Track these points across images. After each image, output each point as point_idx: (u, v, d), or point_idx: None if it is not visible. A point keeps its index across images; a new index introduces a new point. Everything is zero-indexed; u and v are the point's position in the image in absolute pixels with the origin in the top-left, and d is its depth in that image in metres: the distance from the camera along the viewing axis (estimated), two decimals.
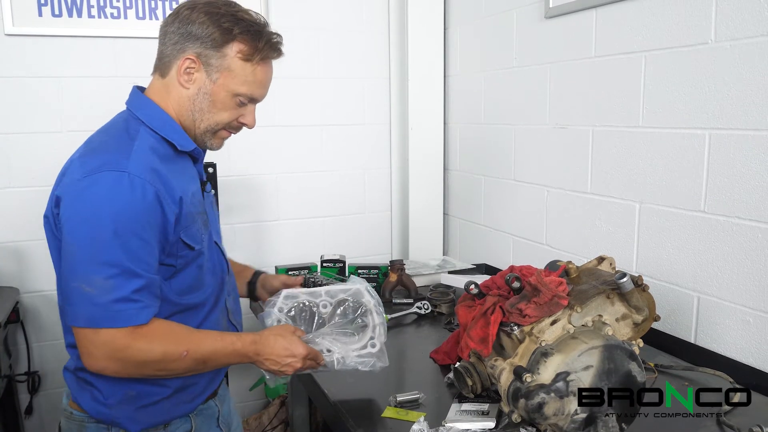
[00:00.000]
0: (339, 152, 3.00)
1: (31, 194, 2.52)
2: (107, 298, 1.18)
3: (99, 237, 1.18)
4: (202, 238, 1.36)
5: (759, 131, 1.54)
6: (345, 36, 2.93)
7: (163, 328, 1.26)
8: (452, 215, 3.07)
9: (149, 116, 1.34)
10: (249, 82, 1.34)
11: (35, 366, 2.61)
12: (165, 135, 1.33)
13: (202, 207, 1.40)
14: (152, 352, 1.22)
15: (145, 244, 1.21)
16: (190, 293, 1.36)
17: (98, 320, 1.19)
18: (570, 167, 2.18)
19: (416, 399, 1.48)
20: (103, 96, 2.56)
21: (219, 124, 1.38)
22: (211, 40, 1.30)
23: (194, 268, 1.35)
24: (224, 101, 1.34)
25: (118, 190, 1.19)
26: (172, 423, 1.37)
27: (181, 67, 1.32)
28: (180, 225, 1.29)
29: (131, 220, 1.19)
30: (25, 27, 2.43)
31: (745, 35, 1.56)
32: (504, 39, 2.51)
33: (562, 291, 1.30)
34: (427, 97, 2.96)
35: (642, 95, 1.86)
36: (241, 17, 1.32)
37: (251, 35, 1.32)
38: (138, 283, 1.20)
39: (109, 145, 1.28)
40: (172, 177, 1.29)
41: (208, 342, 1.31)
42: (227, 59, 1.31)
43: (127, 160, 1.22)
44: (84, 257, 1.19)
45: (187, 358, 1.25)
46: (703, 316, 1.73)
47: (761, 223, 1.55)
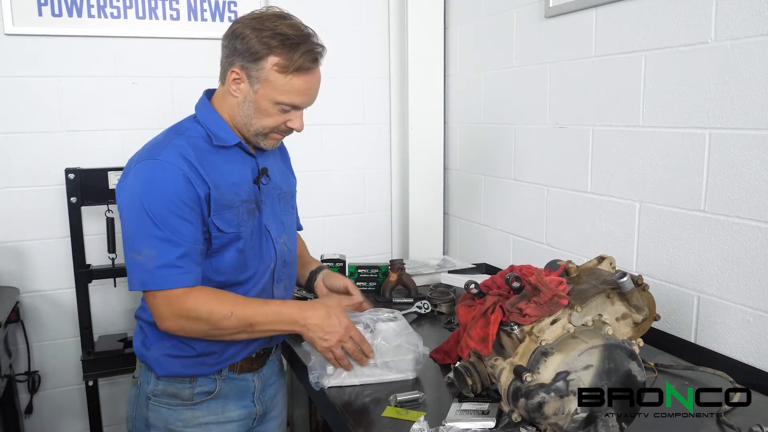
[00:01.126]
0: (339, 152, 3.00)
1: (31, 194, 2.52)
2: (153, 264, 1.41)
3: (142, 216, 1.41)
4: (239, 223, 1.52)
5: (759, 131, 1.54)
6: (345, 36, 2.93)
7: (210, 290, 1.47)
8: (452, 215, 3.07)
9: (203, 116, 1.56)
10: (287, 92, 1.48)
11: (35, 366, 2.61)
12: (210, 130, 1.53)
13: (250, 196, 1.56)
14: (199, 311, 1.43)
15: (181, 219, 1.42)
16: (230, 273, 1.54)
17: (148, 283, 1.42)
18: (570, 167, 2.18)
19: (416, 398, 1.48)
20: (103, 96, 2.57)
21: (266, 128, 1.54)
22: (250, 54, 1.45)
23: (233, 252, 1.53)
24: (267, 109, 1.50)
25: (153, 175, 1.43)
26: (198, 379, 1.58)
27: (229, 78, 1.50)
28: (212, 208, 1.47)
29: (165, 199, 1.41)
30: (25, 26, 2.43)
31: (746, 34, 1.55)
32: (504, 39, 2.51)
33: (562, 290, 1.30)
34: (427, 96, 2.96)
35: (642, 95, 1.86)
36: (280, 31, 1.45)
37: (286, 48, 1.44)
38: (179, 251, 1.41)
39: (154, 141, 1.52)
40: (211, 165, 1.49)
41: (254, 305, 1.50)
42: (265, 71, 1.46)
43: (161, 150, 1.45)
44: (134, 232, 1.43)
45: (233, 318, 1.44)
46: (703, 315, 1.73)
47: (761, 222, 1.55)
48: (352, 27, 2.94)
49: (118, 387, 2.73)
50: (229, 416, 1.62)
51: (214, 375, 1.60)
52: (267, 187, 1.62)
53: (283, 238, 1.66)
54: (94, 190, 2.39)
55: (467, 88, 2.84)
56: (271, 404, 1.75)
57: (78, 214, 2.38)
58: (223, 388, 1.61)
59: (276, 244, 1.63)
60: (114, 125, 2.58)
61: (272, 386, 1.75)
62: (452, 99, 2.97)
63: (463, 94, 2.89)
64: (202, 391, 1.59)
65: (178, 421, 1.58)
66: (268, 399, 1.72)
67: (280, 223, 1.66)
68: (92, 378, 2.45)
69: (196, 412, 1.59)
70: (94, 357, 2.43)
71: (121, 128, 2.57)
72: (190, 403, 1.58)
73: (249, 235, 1.55)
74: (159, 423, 1.59)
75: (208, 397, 1.59)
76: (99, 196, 2.38)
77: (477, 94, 2.74)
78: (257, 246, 1.58)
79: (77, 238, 2.39)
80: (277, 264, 1.64)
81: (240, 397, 1.64)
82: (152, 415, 1.59)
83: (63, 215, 2.46)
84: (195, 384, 1.58)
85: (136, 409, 1.63)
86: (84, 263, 2.41)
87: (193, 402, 1.58)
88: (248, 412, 1.67)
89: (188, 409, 1.58)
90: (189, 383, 1.58)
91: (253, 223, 1.56)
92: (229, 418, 1.62)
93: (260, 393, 1.69)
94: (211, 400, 1.60)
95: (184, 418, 1.58)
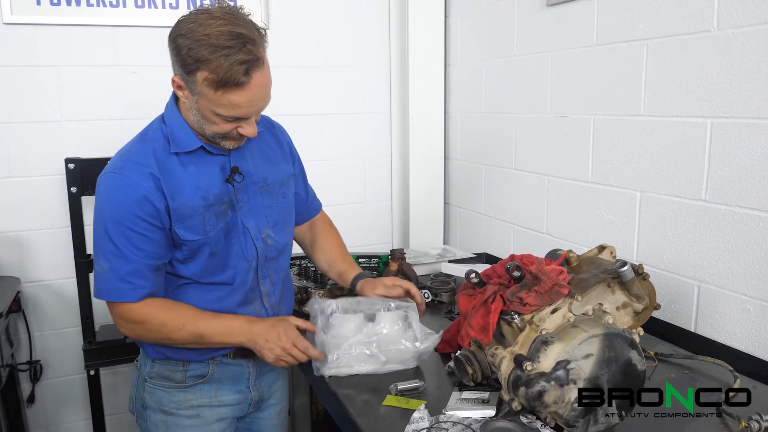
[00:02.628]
0: (339, 141, 3.00)
1: (32, 184, 2.52)
2: (107, 276, 1.45)
3: (101, 229, 1.45)
4: (205, 230, 1.50)
5: (761, 119, 1.54)
6: (345, 24, 2.91)
7: (163, 303, 1.50)
8: (453, 204, 3.06)
9: (168, 118, 1.52)
10: (224, 106, 1.39)
11: (37, 355, 2.62)
12: (171, 135, 1.49)
13: (219, 198, 1.52)
14: (152, 323, 1.48)
15: (137, 235, 1.43)
16: (210, 276, 1.55)
17: (102, 293, 1.47)
18: (571, 156, 2.17)
19: (417, 387, 1.49)
20: (102, 85, 2.56)
21: (218, 134, 1.47)
22: (182, 66, 1.38)
23: (205, 256, 1.52)
24: (211, 118, 1.43)
25: (112, 191, 1.45)
26: (191, 363, 1.60)
27: (173, 86, 1.45)
28: (172, 218, 1.46)
29: (122, 215, 1.43)
30: (24, 16, 2.42)
31: (748, 23, 1.55)
32: (505, 27, 2.50)
33: (562, 280, 1.31)
34: (428, 85, 2.95)
35: (643, 83, 1.85)
36: (209, 41, 1.33)
37: (214, 62, 1.33)
38: (129, 267, 1.44)
39: (123, 150, 1.51)
40: (170, 175, 1.46)
41: (205, 319, 1.52)
42: (198, 85, 1.38)
43: (124, 164, 1.46)
44: (96, 245, 1.48)
45: (183, 331, 1.48)
46: (703, 304, 1.73)
47: (762, 212, 1.55)
48: (353, 15, 2.92)
49: (120, 376, 2.74)
50: (222, 400, 1.64)
51: (207, 360, 1.61)
52: (244, 183, 1.57)
53: (267, 233, 1.62)
54: (94, 179, 2.35)
55: (468, 77, 2.83)
56: (269, 391, 1.75)
57: (78, 204, 2.38)
58: (216, 373, 1.62)
59: (256, 241, 1.59)
60: (114, 115, 2.57)
61: (270, 374, 1.74)
62: (453, 88, 2.96)
63: (463, 84, 2.88)
64: (194, 375, 1.61)
65: (171, 402, 1.61)
66: (264, 386, 1.73)
67: (263, 217, 1.61)
68: (94, 367, 2.46)
69: (188, 394, 1.61)
70: (96, 346, 2.44)
71: (120, 118, 2.56)
72: (183, 385, 1.60)
73: (219, 238, 1.53)
74: (154, 404, 1.62)
75: (200, 381, 1.61)
76: None
77: (478, 83, 2.73)
78: (234, 246, 1.56)
79: (78, 227, 2.39)
80: (259, 261, 1.61)
81: (234, 382, 1.65)
82: (148, 396, 1.62)
83: (63, 205, 2.46)
84: (188, 367, 1.60)
85: (136, 391, 1.67)
86: (84, 253, 2.41)
87: (186, 385, 1.60)
88: (243, 397, 1.68)
89: (181, 391, 1.60)
90: (182, 366, 1.60)
91: (225, 225, 1.53)
92: (222, 401, 1.64)
93: (256, 379, 1.69)
94: (204, 383, 1.61)
95: (177, 400, 1.61)
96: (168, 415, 1.61)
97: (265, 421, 1.78)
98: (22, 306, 2.52)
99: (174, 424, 1.61)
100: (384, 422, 1.36)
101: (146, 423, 1.64)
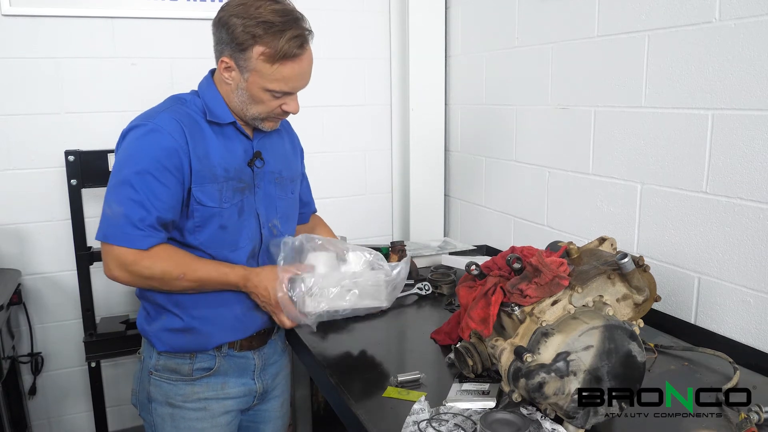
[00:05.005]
0: (340, 133, 2.99)
1: (32, 176, 2.52)
2: (119, 221, 1.45)
3: (124, 175, 1.45)
4: (221, 199, 1.53)
5: (762, 111, 1.53)
6: (345, 16, 2.90)
7: (166, 252, 1.50)
8: (453, 196, 3.06)
9: (204, 92, 1.58)
10: (277, 80, 1.48)
11: (38, 347, 2.63)
12: (206, 105, 1.55)
13: (239, 175, 1.57)
14: (153, 270, 1.48)
15: (160, 184, 1.45)
16: (216, 249, 1.56)
17: (111, 237, 1.46)
18: (571, 148, 2.17)
19: (417, 379, 1.49)
20: (101, 77, 2.55)
21: (261, 114, 1.55)
22: (236, 44, 1.45)
23: (215, 227, 1.54)
24: (259, 96, 1.51)
25: (143, 137, 1.46)
26: (198, 355, 1.61)
27: (220, 67, 1.52)
28: (193, 179, 1.49)
29: (148, 162, 1.44)
30: (23, 7, 2.41)
31: (750, 14, 1.54)
32: (506, 18, 2.49)
33: (563, 271, 1.30)
34: (428, 77, 2.94)
35: (645, 75, 1.85)
36: (264, 18, 1.43)
37: (270, 36, 1.43)
38: (144, 214, 1.44)
39: (153, 108, 1.55)
40: (201, 138, 1.51)
41: (204, 270, 1.52)
42: (252, 61, 1.46)
43: (156, 115, 1.49)
44: (111, 189, 1.48)
45: (183, 280, 1.50)
46: (703, 296, 1.73)
47: (763, 204, 1.55)
48: (353, 7, 2.91)
49: (121, 368, 2.75)
50: (229, 392, 1.65)
51: (214, 351, 1.62)
52: (262, 170, 1.63)
53: (274, 222, 1.66)
54: (94, 172, 2.39)
55: (468, 68, 2.82)
56: (273, 383, 1.76)
57: (78, 196, 2.38)
58: (223, 365, 1.63)
59: (263, 228, 1.64)
60: (113, 107, 2.56)
61: (274, 365, 1.76)
62: (453, 80, 2.95)
63: (464, 75, 2.87)
64: (201, 367, 1.61)
65: (177, 395, 1.61)
66: (269, 378, 1.74)
67: (273, 208, 1.67)
68: (95, 359, 2.47)
69: (195, 387, 1.61)
70: (97, 339, 2.45)
71: (120, 110, 2.56)
72: (189, 378, 1.61)
73: (233, 214, 1.56)
74: (160, 397, 1.62)
75: (207, 374, 1.61)
76: (99, 178, 2.38)
77: (478, 74, 2.72)
78: (245, 227, 1.60)
79: (78, 220, 2.39)
80: (262, 248, 1.64)
81: (240, 374, 1.66)
82: (153, 389, 1.62)
83: (63, 197, 2.46)
84: (195, 360, 1.61)
85: (139, 383, 1.67)
86: (85, 245, 2.42)
87: (193, 378, 1.61)
88: (248, 389, 1.69)
89: (188, 384, 1.61)
90: (189, 359, 1.61)
91: (241, 203, 1.58)
92: (229, 394, 1.65)
93: (261, 371, 1.71)
94: (211, 376, 1.62)
95: (183, 393, 1.61)
96: (175, 408, 1.62)
97: (268, 413, 1.79)
98: (23, 298, 2.53)
99: (180, 417, 1.62)
100: (384, 414, 1.36)
101: (151, 416, 1.64)
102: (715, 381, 1.47)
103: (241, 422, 1.75)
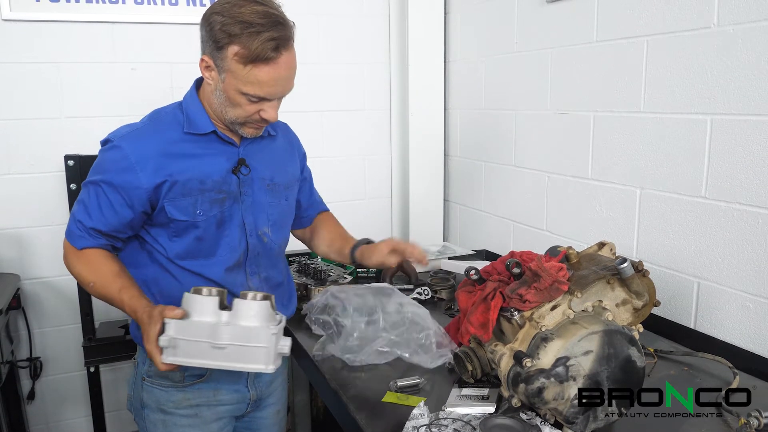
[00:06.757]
0: (339, 138, 3.00)
1: (31, 181, 2.52)
2: (72, 216, 1.53)
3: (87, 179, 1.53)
4: (195, 212, 1.52)
5: (761, 116, 1.53)
6: (345, 21, 2.91)
7: (93, 257, 1.52)
8: (453, 201, 3.06)
9: (186, 103, 1.57)
10: (250, 83, 1.43)
11: (37, 352, 2.62)
12: (186, 116, 1.54)
13: (220, 186, 1.54)
14: (73, 269, 1.54)
15: (105, 199, 1.49)
16: (191, 260, 1.55)
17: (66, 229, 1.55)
18: (571, 153, 2.17)
19: (416, 384, 1.49)
20: (101, 82, 2.56)
21: (239, 118, 1.50)
22: (213, 42, 1.42)
23: (191, 239, 1.54)
24: (235, 98, 1.46)
25: (104, 154, 1.50)
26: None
27: (201, 66, 1.48)
28: (164, 195, 1.49)
29: (103, 177, 1.48)
30: (23, 12, 2.41)
31: (749, 19, 1.54)
32: (505, 23, 2.50)
33: (562, 276, 1.31)
34: (428, 82, 2.94)
35: (643, 80, 1.85)
36: (243, 18, 1.39)
37: (246, 37, 1.38)
38: (86, 219, 1.50)
39: (130, 124, 1.56)
40: (175, 154, 1.50)
41: (109, 288, 1.49)
42: (227, 61, 1.42)
43: (126, 134, 1.50)
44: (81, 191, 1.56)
45: (93, 288, 1.52)
46: (702, 301, 1.73)
47: (762, 208, 1.55)
48: (352, 11, 2.92)
49: (120, 373, 2.75)
50: (221, 399, 1.63)
51: None
52: (249, 177, 1.59)
53: (264, 230, 1.63)
54: None
55: (468, 73, 2.82)
56: (268, 391, 1.74)
57: None
58: (215, 372, 1.59)
59: (249, 237, 1.61)
60: (113, 111, 2.57)
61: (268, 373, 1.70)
62: (453, 85, 2.96)
63: (463, 80, 2.87)
64: (193, 374, 1.59)
65: (169, 402, 1.60)
66: (263, 385, 1.72)
67: (263, 215, 1.63)
68: (93, 364, 2.46)
69: (187, 394, 1.60)
70: (96, 343, 2.44)
71: (120, 114, 2.55)
72: (181, 384, 1.60)
73: (209, 225, 1.54)
74: (152, 403, 1.61)
75: (199, 380, 1.60)
76: None
77: (478, 79, 2.73)
78: (222, 236, 1.57)
79: None
80: (249, 256, 1.62)
81: (233, 381, 1.64)
82: (146, 395, 1.62)
83: (63, 202, 2.46)
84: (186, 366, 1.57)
85: (134, 389, 1.67)
86: None
87: (185, 384, 1.60)
88: (241, 396, 1.67)
89: (179, 390, 1.60)
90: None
91: (220, 213, 1.55)
92: (221, 401, 1.63)
93: (255, 378, 1.68)
94: (203, 383, 1.60)
95: (175, 399, 1.60)
96: (166, 414, 1.60)
97: (263, 421, 1.77)
98: (22, 303, 2.52)
99: (172, 423, 1.61)
100: (384, 419, 1.36)
101: (144, 422, 1.64)
102: (714, 385, 1.46)
103: (235, 429, 1.73)
